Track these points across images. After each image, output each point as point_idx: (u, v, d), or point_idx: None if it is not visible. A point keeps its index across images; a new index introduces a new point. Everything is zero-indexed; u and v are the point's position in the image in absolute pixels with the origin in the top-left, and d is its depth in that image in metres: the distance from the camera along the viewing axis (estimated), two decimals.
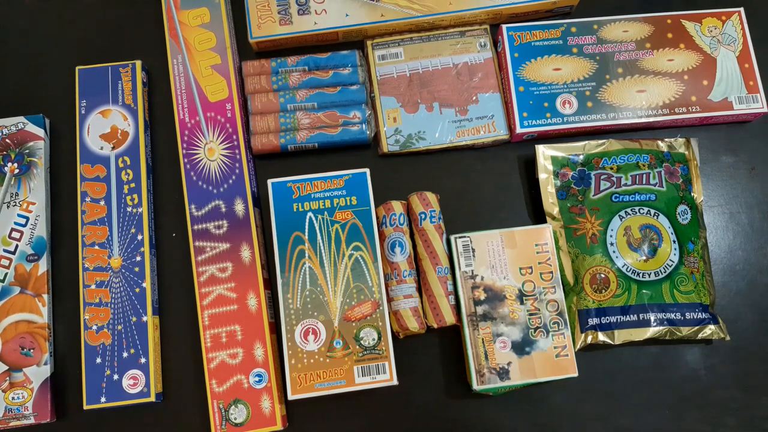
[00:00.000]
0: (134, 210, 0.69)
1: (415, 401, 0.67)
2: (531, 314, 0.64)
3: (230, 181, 0.69)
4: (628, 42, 0.74)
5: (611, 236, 0.67)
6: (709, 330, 0.66)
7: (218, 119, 0.71)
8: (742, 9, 0.75)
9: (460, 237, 0.66)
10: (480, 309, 0.64)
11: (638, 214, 0.68)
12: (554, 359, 0.63)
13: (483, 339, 0.64)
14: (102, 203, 0.69)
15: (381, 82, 0.73)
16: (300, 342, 0.64)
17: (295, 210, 0.67)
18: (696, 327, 0.66)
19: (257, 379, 0.64)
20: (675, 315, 0.65)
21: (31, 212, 0.69)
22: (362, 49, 0.76)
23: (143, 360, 0.65)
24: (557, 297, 0.65)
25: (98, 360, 0.65)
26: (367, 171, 0.68)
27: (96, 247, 0.68)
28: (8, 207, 0.69)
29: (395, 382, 0.62)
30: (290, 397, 0.63)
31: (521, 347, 0.63)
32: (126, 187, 0.69)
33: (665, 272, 0.67)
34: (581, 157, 0.70)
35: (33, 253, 0.68)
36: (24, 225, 0.69)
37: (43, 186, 0.70)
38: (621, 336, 0.65)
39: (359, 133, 0.71)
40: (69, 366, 0.68)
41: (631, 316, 0.65)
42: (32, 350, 0.66)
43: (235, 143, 0.70)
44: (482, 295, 0.64)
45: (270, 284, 0.69)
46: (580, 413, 0.67)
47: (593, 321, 0.66)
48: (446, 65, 0.74)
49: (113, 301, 0.67)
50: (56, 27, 0.78)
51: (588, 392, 0.68)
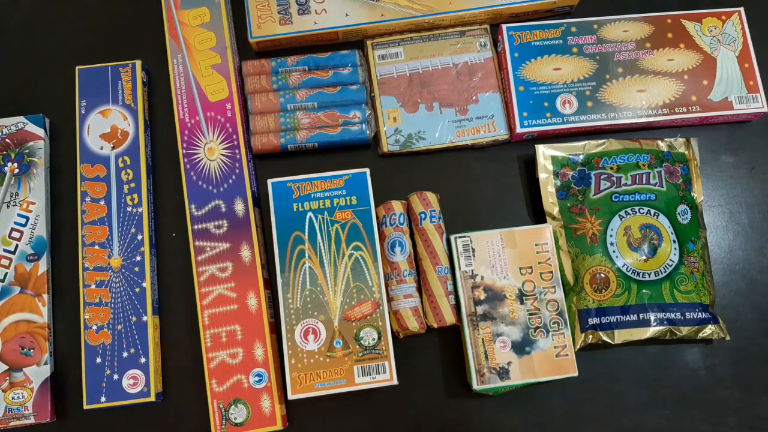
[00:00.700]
0: (134, 210, 0.69)
1: (415, 401, 0.67)
2: (531, 314, 0.64)
3: (230, 181, 0.69)
4: (628, 42, 0.74)
5: (611, 236, 0.67)
6: (709, 330, 0.66)
7: (218, 119, 0.71)
8: (742, 9, 0.75)
9: (460, 237, 0.66)
10: (480, 309, 0.64)
11: (638, 214, 0.68)
12: (554, 359, 0.63)
13: (483, 339, 0.64)
14: (102, 203, 0.69)
15: (381, 82, 0.73)
16: (300, 342, 0.64)
17: (295, 210, 0.67)
18: (696, 327, 0.66)
19: (257, 379, 0.64)
20: (675, 315, 0.65)
21: (31, 212, 0.69)
22: (362, 49, 0.76)
23: (143, 360, 0.65)
24: (557, 297, 0.65)
25: (98, 360, 0.65)
26: (367, 171, 0.68)
27: (96, 247, 0.68)
28: (8, 207, 0.69)
29: (395, 382, 0.62)
30: (290, 397, 0.63)
31: (521, 347, 0.63)
32: (126, 187, 0.69)
33: (665, 272, 0.67)
34: (581, 157, 0.70)
35: (33, 253, 0.68)
36: (24, 225, 0.69)
37: (43, 186, 0.70)
38: (621, 336, 0.65)
39: (359, 133, 0.71)
40: (69, 366, 0.68)
41: (631, 316, 0.65)
42: (32, 350, 0.66)
43: (235, 143, 0.70)
44: (482, 295, 0.64)
45: (270, 284, 0.69)
46: (580, 413, 0.67)
47: (593, 321, 0.66)
48: (446, 65, 0.74)
49: (113, 301, 0.67)
50: (56, 27, 0.78)
51: (588, 392, 0.68)
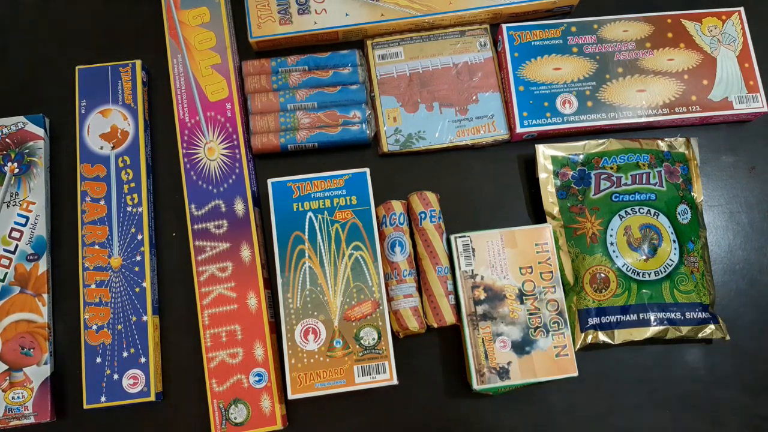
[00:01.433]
0: (134, 210, 0.69)
1: (415, 401, 0.67)
2: (531, 314, 0.64)
3: (230, 181, 0.69)
4: (628, 41, 0.74)
5: (611, 236, 0.67)
6: (709, 329, 0.66)
7: (218, 119, 0.71)
8: (742, 9, 0.75)
9: (460, 236, 0.66)
10: (480, 308, 0.64)
11: (638, 214, 0.68)
12: (554, 359, 0.63)
13: (483, 338, 0.64)
14: (102, 203, 0.69)
15: (381, 82, 0.73)
16: (300, 341, 0.64)
17: (295, 209, 0.67)
18: (696, 326, 0.66)
19: (257, 379, 0.64)
20: (675, 314, 0.65)
21: (31, 212, 0.69)
22: (362, 49, 0.76)
23: (143, 359, 0.65)
24: (557, 296, 0.65)
25: (98, 359, 0.65)
26: (367, 171, 0.68)
27: (96, 247, 0.68)
28: (8, 206, 0.69)
29: (395, 382, 0.62)
30: (290, 397, 0.63)
31: (521, 347, 0.63)
32: (126, 187, 0.69)
33: (665, 272, 0.67)
34: (581, 157, 0.70)
35: (33, 253, 0.68)
36: (24, 224, 0.69)
37: (43, 186, 0.70)
38: (621, 336, 0.65)
39: (359, 133, 0.71)
40: (69, 365, 0.68)
41: (631, 316, 0.65)
42: (32, 350, 0.66)
43: (235, 143, 0.70)
44: (482, 295, 0.64)
45: (270, 284, 0.69)
46: (580, 413, 0.67)
47: (593, 320, 0.66)
48: (446, 65, 0.74)
49: (113, 301, 0.67)
50: (56, 27, 0.78)
51: (588, 392, 0.68)
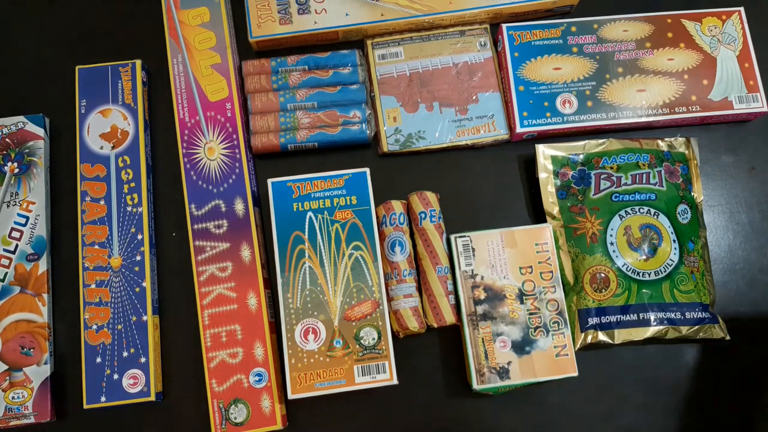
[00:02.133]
0: (134, 209, 0.69)
1: (415, 401, 0.67)
2: (531, 314, 0.64)
3: (230, 181, 0.69)
4: (628, 41, 0.74)
5: (611, 236, 0.67)
6: (709, 329, 0.66)
7: (218, 119, 0.71)
8: (742, 8, 0.75)
9: (460, 236, 0.66)
10: (480, 308, 0.64)
11: (638, 214, 0.68)
12: (554, 359, 0.63)
13: (483, 338, 0.64)
14: (102, 203, 0.69)
15: (381, 82, 0.73)
16: (300, 341, 0.64)
17: (295, 209, 0.67)
18: (696, 326, 0.66)
19: (257, 379, 0.64)
20: (675, 314, 0.65)
21: (31, 212, 0.69)
22: (362, 49, 0.76)
23: (143, 359, 0.65)
24: (557, 296, 0.65)
25: (98, 359, 0.65)
26: (367, 170, 0.68)
27: (96, 247, 0.68)
28: (8, 206, 0.69)
29: (395, 382, 0.62)
30: (290, 397, 0.63)
31: (521, 347, 0.63)
32: (126, 187, 0.69)
33: (665, 272, 0.67)
34: (581, 157, 0.70)
35: (33, 253, 0.68)
36: (24, 224, 0.69)
37: (43, 185, 0.70)
38: (621, 335, 0.65)
39: (359, 133, 0.71)
40: (69, 365, 0.68)
41: (631, 316, 0.65)
42: (32, 350, 0.66)
43: (235, 143, 0.70)
44: (482, 295, 0.64)
45: (270, 284, 0.69)
46: (580, 413, 0.67)
47: (593, 320, 0.66)
48: (446, 65, 0.74)
49: (113, 301, 0.67)
50: (56, 27, 0.78)
51: (588, 392, 0.68)
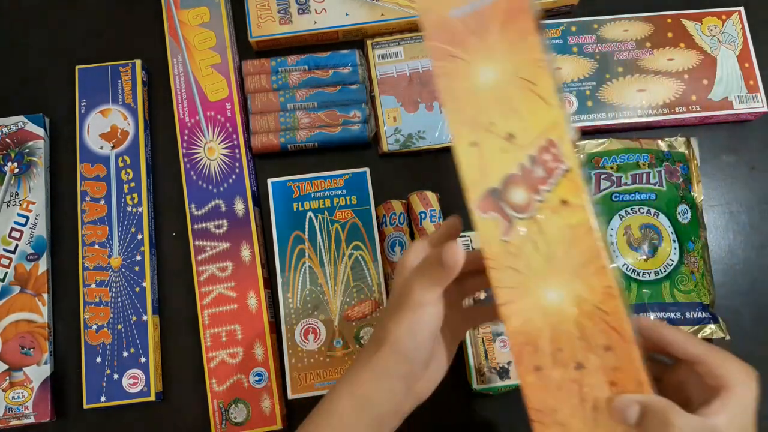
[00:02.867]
0: (134, 209, 0.69)
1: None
2: None
3: (230, 181, 0.69)
4: (628, 41, 0.74)
5: (611, 235, 0.67)
6: (709, 329, 0.66)
7: (218, 118, 0.71)
8: (743, 8, 0.75)
9: (460, 236, 0.66)
10: None
11: (638, 214, 0.68)
12: None
13: (483, 338, 0.64)
14: (102, 202, 0.69)
15: (381, 82, 0.73)
16: (300, 341, 0.64)
17: (295, 209, 0.67)
18: (696, 326, 0.66)
19: (257, 379, 0.64)
20: (675, 314, 0.65)
21: (31, 211, 0.69)
22: (362, 49, 0.76)
23: (143, 359, 0.65)
24: None
25: (98, 359, 0.65)
26: (367, 170, 0.68)
27: (96, 247, 0.68)
28: (8, 206, 0.69)
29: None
30: (290, 397, 0.63)
31: None
32: (126, 187, 0.69)
33: (665, 271, 0.67)
34: (581, 157, 0.70)
35: (33, 253, 0.68)
36: (24, 224, 0.69)
37: (43, 185, 0.70)
38: None
39: (359, 133, 0.71)
40: (69, 365, 0.68)
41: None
42: (32, 349, 0.66)
43: (235, 142, 0.70)
44: (482, 295, 0.64)
45: (270, 283, 0.69)
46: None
47: None
48: None
49: (113, 301, 0.67)
50: (56, 27, 0.78)
51: None
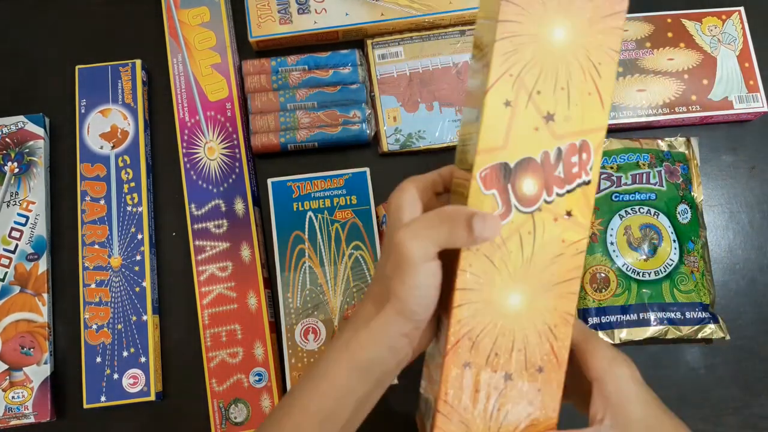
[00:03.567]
0: (134, 209, 0.69)
1: (415, 401, 0.67)
2: None
3: (230, 180, 0.69)
4: (628, 41, 0.74)
5: (611, 235, 0.67)
6: (709, 329, 0.66)
7: (218, 118, 0.71)
8: (743, 8, 0.75)
9: None
10: None
11: (638, 214, 0.68)
12: None
13: None
14: (102, 202, 0.69)
15: (381, 81, 0.73)
16: (300, 341, 0.64)
17: (295, 209, 0.67)
18: (696, 326, 0.66)
19: (257, 379, 0.64)
20: (675, 314, 0.65)
21: (31, 211, 0.69)
22: (362, 48, 0.76)
23: (143, 359, 0.65)
24: None
25: (98, 359, 0.65)
26: (367, 170, 0.68)
27: (96, 246, 0.68)
28: (8, 206, 0.69)
29: (395, 382, 0.62)
30: None
31: None
32: (126, 186, 0.69)
33: (665, 271, 0.67)
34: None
35: (33, 252, 0.68)
36: (24, 224, 0.69)
37: (43, 185, 0.70)
38: (621, 335, 0.65)
39: (359, 132, 0.71)
40: (69, 365, 0.68)
41: (631, 315, 0.65)
42: (32, 349, 0.66)
43: (235, 142, 0.70)
44: None
45: (270, 283, 0.69)
46: (580, 412, 0.67)
47: (593, 320, 0.66)
48: (446, 64, 0.74)
49: (113, 301, 0.67)
50: (56, 26, 0.78)
51: None
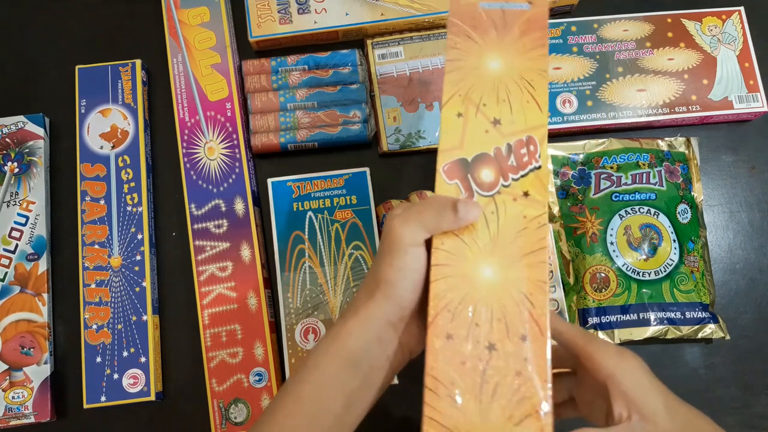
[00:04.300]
0: (134, 209, 0.69)
1: (415, 401, 0.67)
2: None
3: (230, 180, 0.69)
4: (629, 41, 0.74)
5: (611, 235, 0.67)
6: (709, 329, 0.66)
7: (218, 118, 0.71)
8: (743, 8, 0.75)
9: None
10: None
11: (638, 213, 0.68)
12: None
13: None
14: (102, 202, 0.69)
15: (381, 81, 0.73)
16: (300, 341, 0.64)
17: (295, 209, 0.67)
18: (696, 326, 0.66)
19: (257, 378, 0.65)
20: (675, 314, 0.65)
21: (31, 211, 0.69)
22: (362, 48, 0.76)
23: (143, 359, 0.65)
24: (557, 296, 0.65)
25: (98, 359, 0.65)
26: (367, 170, 0.68)
27: (96, 246, 0.68)
28: (8, 206, 0.69)
29: (395, 382, 0.62)
30: None
31: None
32: (126, 186, 0.69)
33: (665, 271, 0.67)
34: (581, 156, 0.70)
35: (33, 252, 0.68)
36: (24, 224, 0.69)
37: (43, 185, 0.70)
38: (621, 335, 0.65)
39: (359, 132, 0.71)
40: (69, 365, 0.68)
41: (631, 315, 0.65)
42: (32, 349, 0.66)
43: (235, 142, 0.70)
44: None
45: (270, 283, 0.69)
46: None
47: (593, 320, 0.66)
48: None
49: (113, 300, 0.67)
50: (56, 26, 0.78)
51: None
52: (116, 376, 0.65)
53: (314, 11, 0.74)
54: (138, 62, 0.73)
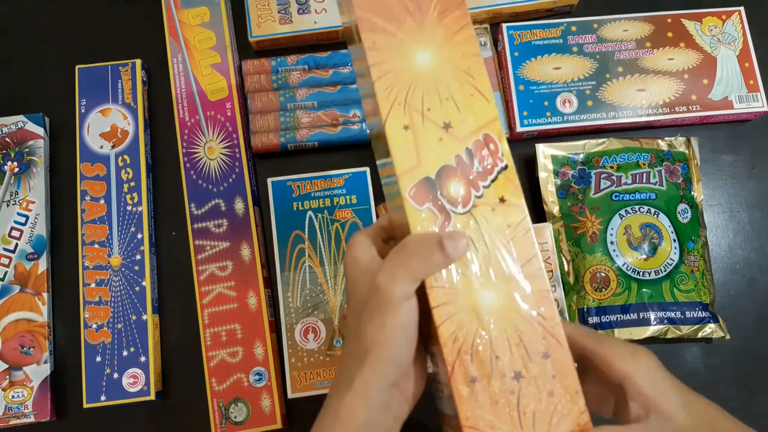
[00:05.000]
0: (134, 209, 0.69)
1: (423, 408, 0.67)
2: None
3: (230, 180, 0.69)
4: (629, 41, 0.74)
5: (611, 235, 0.67)
6: (709, 329, 0.66)
7: (218, 118, 0.71)
8: (743, 8, 0.75)
9: None
10: None
11: (638, 213, 0.68)
12: None
13: None
14: (102, 202, 0.69)
15: None
16: (300, 341, 0.64)
17: (295, 209, 0.67)
18: (696, 326, 0.66)
19: (257, 378, 0.64)
20: (675, 314, 0.65)
21: (31, 211, 0.69)
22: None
23: (143, 358, 0.65)
24: (557, 296, 0.65)
25: (98, 358, 0.65)
26: (367, 170, 0.68)
27: (96, 246, 0.68)
28: (8, 206, 0.69)
29: None
30: (290, 396, 0.63)
31: None
32: (126, 186, 0.69)
33: (665, 271, 0.67)
34: (581, 156, 0.70)
35: (33, 252, 0.68)
36: (24, 223, 0.69)
37: (43, 185, 0.70)
38: (621, 335, 0.65)
39: (359, 132, 0.71)
40: (69, 364, 0.68)
41: (631, 315, 0.65)
42: (32, 349, 0.66)
43: (235, 142, 0.70)
44: None
45: (270, 283, 0.69)
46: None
47: (593, 320, 0.66)
48: None
49: (113, 300, 0.67)
50: (56, 26, 0.78)
51: None
52: (116, 376, 0.65)
53: (314, 11, 0.74)
54: (138, 62, 0.73)
